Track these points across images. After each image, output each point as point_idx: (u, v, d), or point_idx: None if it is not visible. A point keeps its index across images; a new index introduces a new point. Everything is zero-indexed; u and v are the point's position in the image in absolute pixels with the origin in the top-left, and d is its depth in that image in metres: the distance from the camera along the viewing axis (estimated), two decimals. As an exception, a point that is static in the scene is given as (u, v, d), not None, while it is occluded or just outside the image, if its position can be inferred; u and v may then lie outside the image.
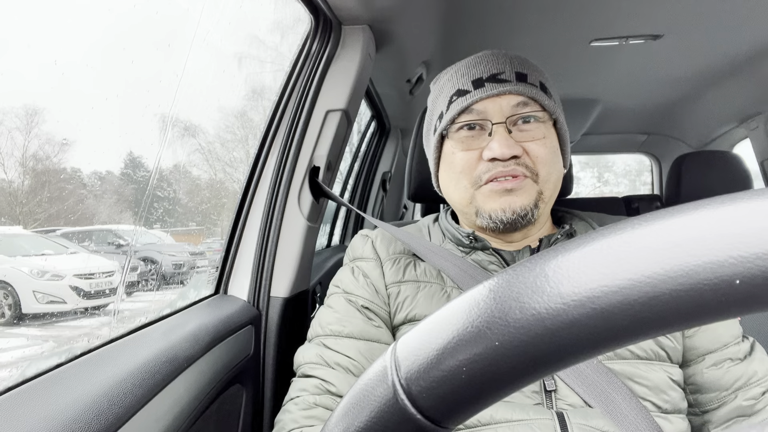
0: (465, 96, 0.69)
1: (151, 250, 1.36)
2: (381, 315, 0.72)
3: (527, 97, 0.68)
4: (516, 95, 0.68)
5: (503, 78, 0.68)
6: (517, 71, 0.69)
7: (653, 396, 0.61)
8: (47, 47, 0.74)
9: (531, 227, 0.72)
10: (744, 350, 0.66)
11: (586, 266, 0.18)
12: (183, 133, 1.16)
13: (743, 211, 0.17)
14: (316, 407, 0.65)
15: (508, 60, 0.70)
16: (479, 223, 0.70)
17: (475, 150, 0.69)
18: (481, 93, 0.68)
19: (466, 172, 0.69)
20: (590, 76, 1.86)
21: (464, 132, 0.70)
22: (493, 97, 0.68)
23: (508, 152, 0.65)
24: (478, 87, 0.68)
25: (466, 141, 0.70)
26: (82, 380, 0.53)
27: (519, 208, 0.67)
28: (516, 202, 0.67)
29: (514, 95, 0.68)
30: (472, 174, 0.69)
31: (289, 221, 1.00)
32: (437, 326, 0.21)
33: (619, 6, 1.30)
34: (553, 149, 0.70)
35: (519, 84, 0.68)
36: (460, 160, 0.70)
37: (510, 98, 0.68)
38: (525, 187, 0.67)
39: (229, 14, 1.08)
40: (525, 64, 0.71)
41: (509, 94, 0.68)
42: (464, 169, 0.69)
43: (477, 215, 0.70)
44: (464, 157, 0.69)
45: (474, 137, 0.69)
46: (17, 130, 0.81)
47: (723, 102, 2.08)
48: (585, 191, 4.80)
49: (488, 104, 0.68)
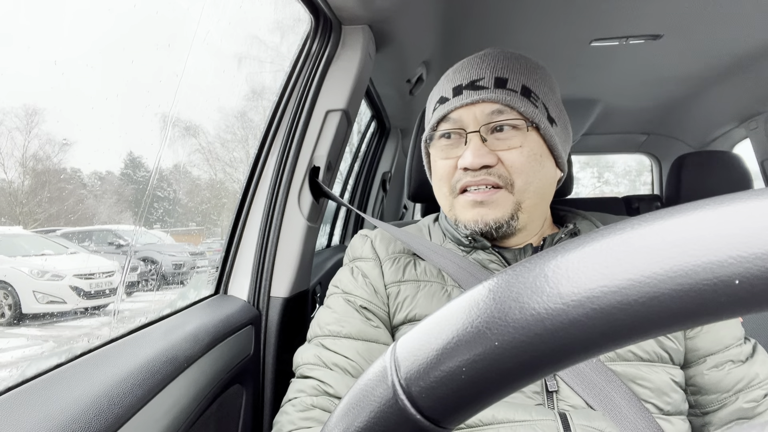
0: (444, 104, 0.69)
1: (151, 250, 1.36)
2: (380, 315, 0.72)
3: (503, 105, 0.66)
4: (491, 103, 0.66)
5: (480, 85, 0.67)
6: (497, 76, 0.67)
7: (655, 398, 0.60)
8: (47, 47, 0.74)
9: (521, 233, 0.71)
10: (746, 352, 0.65)
11: (585, 266, 0.18)
12: (183, 133, 1.16)
13: (743, 211, 0.17)
14: (314, 409, 0.65)
15: (490, 64, 0.69)
16: (462, 228, 0.71)
17: (452, 158, 0.69)
18: (457, 101, 0.67)
19: (444, 180, 0.70)
20: (590, 76, 1.86)
21: (443, 140, 0.70)
22: (468, 105, 0.67)
23: (478, 162, 0.64)
24: (456, 95, 0.68)
25: (445, 149, 0.70)
26: (82, 380, 0.53)
27: (492, 221, 0.66)
28: (488, 215, 0.66)
29: (488, 103, 0.66)
30: (449, 182, 0.69)
31: (289, 221, 1.00)
32: (437, 326, 0.21)
33: (619, 6, 1.30)
34: (533, 157, 0.66)
35: (496, 90, 0.66)
36: (440, 168, 0.71)
37: (485, 106, 0.66)
38: (498, 199, 0.66)
39: (229, 14, 1.08)
40: (511, 66, 0.68)
41: (483, 102, 0.66)
42: (443, 176, 0.70)
43: (456, 222, 0.71)
44: (443, 165, 0.70)
45: (452, 146, 0.69)
46: (17, 130, 0.81)
47: (723, 102, 2.08)
48: (585, 191, 4.80)
49: (463, 112, 0.67)
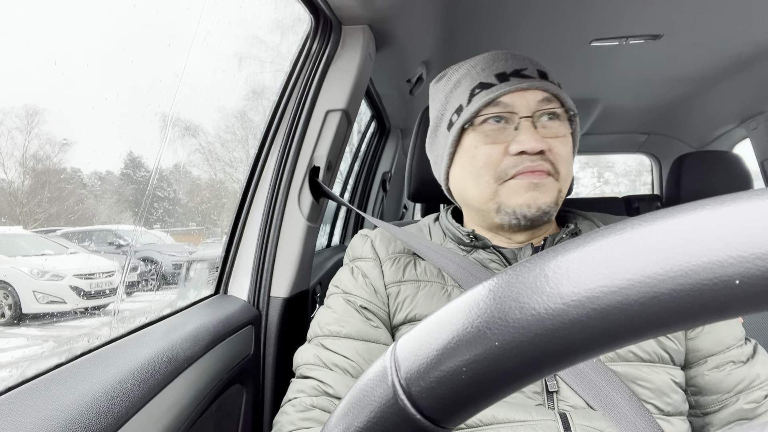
0: (490, 89, 0.67)
1: (151, 250, 1.36)
2: (380, 315, 0.72)
3: (551, 94, 0.67)
4: (541, 91, 0.67)
5: (527, 74, 0.68)
6: (539, 69, 0.69)
7: (655, 398, 0.60)
8: (47, 47, 0.74)
9: (542, 226, 0.72)
10: (746, 353, 0.65)
11: (585, 266, 0.18)
12: (183, 133, 1.16)
13: (743, 211, 0.17)
14: (313, 409, 0.65)
15: (528, 58, 0.71)
16: (498, 220, 0.68)
17: (500, 144, 0.67)
18: (507, 86, 0.67)
19: (490, 166, 0.67)
20: (590, 76, 1.86)
21: (489, 125, 0.68)
22: (520, 90, 0.67)
23: (538, 146, 0.64)
24: (503, 80, 0.68)
25: (491, 134, 0.68)
26: (82, 380, 0.53)
27: (544, 205, 0.66)
28: (540, 199, 0.66)
29: (539, 90, 0.67)
30: (497, 169, 0.67)
31: (289, 221, 1.00)
32: (437, 327, 0.21)
33: (619, 6, 1.30)
34: (571, 149, 0.70)
35: (542, 81, 0.68)
36: (484, 154, 0.68)
37: (536, 93, 0.67)
38: (548, 185, 0.66)
39: (229, 14, 1.08)
40: (543, 64, 0.72)
41: (535, 89, 0.67)
42: (488, 162, 0.67)
43: (498, 211, 0.68)
44: (488, 150, 0.67)
45: (500, 131, 0.67)
46: (17, 130, 0.81)
47: (723, 102, 2.08)
48: (585, 191, 4.80)
49: (515, 98, 0.67)
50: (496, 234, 0.73)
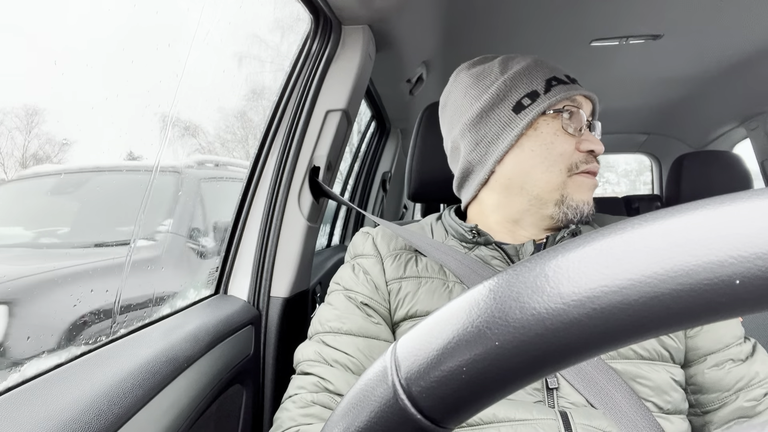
0: (566, 86, 0.71)
1: (151, 250, 1.36)
2: (381, 312, 0.72)
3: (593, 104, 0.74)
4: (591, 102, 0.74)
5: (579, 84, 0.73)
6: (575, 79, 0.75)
7: (655, 397, 0.60)
8: (47, 47, 0.74)
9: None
10: (746, 351, 0.66)
11: (586, 266, 0.18)
12: (183, 133, 1.16)
13: (743, 211, 0.17)
14: (314, 405, 0.65)
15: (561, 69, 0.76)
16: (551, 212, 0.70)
17: (575, 138, 0.71)
18: (580, 88, 0.72)
19: (565, 157, 0.70)
20: (590, 76, 1.86)
21: (563, 117, 0.71)
22: (584, 95, 0.73)
23: (602, 150, 0.71)
24: (572, 81, 0.72)
25: (570, 127, 0.71)
26: (82, 380, 0.53)
27: (593, 206, 0.71)
28: (592, 200, 0.71)
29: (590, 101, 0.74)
30: (570, 160, 0.70)
31: (289, 221, 1.00)
32: (437, 326, 0.21)
33: (619, 6, 1.30)
34: None
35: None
36: (562, 144, 0.70)
37: (589, 103, 0.74)
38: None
39: (229, 14, 1.08)
40: None
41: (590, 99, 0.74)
42: (564, 152, 0.70)
43: (560, 203, 0.70)
44: (566, 141, 0.70)
45: (575, 126, 0.72)
46: (17, 130, 0.81)
47: (723, 102, 2.08)
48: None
49: (583, 100, 0.72)
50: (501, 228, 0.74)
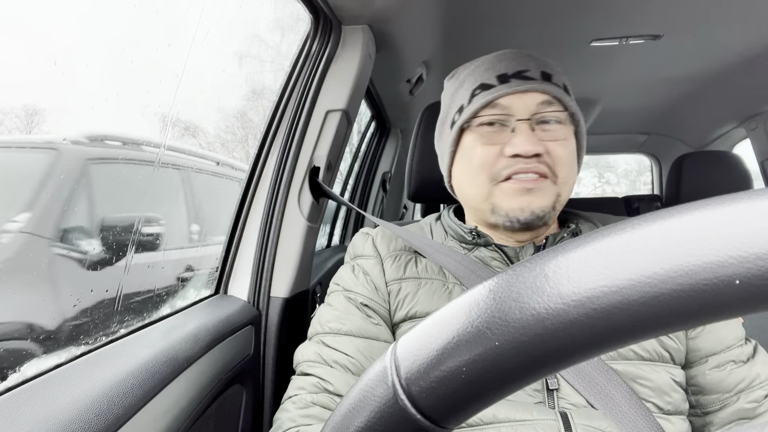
0: (489, 90, 0.68)
1: (151, 250, 1.36)
2: (380, 313, 0.72)
3: (552, 97, 0.67)
4: (542, 93, 0.67)
5: (529, 75, 0.67)
6: (543, 70, 0.69)
7: (656, 397, 0.60)
8: (47, 47, 0.74)
9: (542, 228, 0.71)
10: (747, 353, 0.66)
11: (586, 266, 0.18)
12: (183, 133, 1.16)
13: (743, 211, 0.17)
14: (314, 406, 0.65)
15: (533, 59, 0.70)
16: (493, 220, 0.69)
17: (496, 145, 0.68)
18: (506, 88, 0.67)
19: (485, 167, 0.68)
20: (590, 76, 1.86)
21: (486, 127, 0.69)
22: (519, 93, 0.67)
23: (532, 149, 0.64)
24: (503, 82, 0.68)
25: (488, 135, 0.68)
26: (82, 380, 0.53)
27: (538, 209, 0.66)
28: (534, 203, 0.66)
29: (539, 93, 0.67)
30: (492, 169, 0.67)
31: (289, 221, 1.00)
32: (437, 326, 0.21)
33: (619, 6, 1.30)
34: (573, 152, 0.69)
35: (545, 83, 0.67)
36: (480, 155, 0.68)
37: (535, 96, 0.67)
38: (544, 188, 0.66)
39: (229, 14, 1.08)
40: (549, 65, 0.71)
41: (535, 91, 0.67)
42: (483, 164, 0.68)
43: (492, 212, 0.68)
44: (484, 151, 0.68)
45: (496, 132, 0.68)
46: (17, 130, 0.81)
47: (723, 102, 2.08)
48: (585, 191, 4.80)
49: (514, 100, 0.67)
50: (496, 232, 0.73)
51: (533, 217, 0.66)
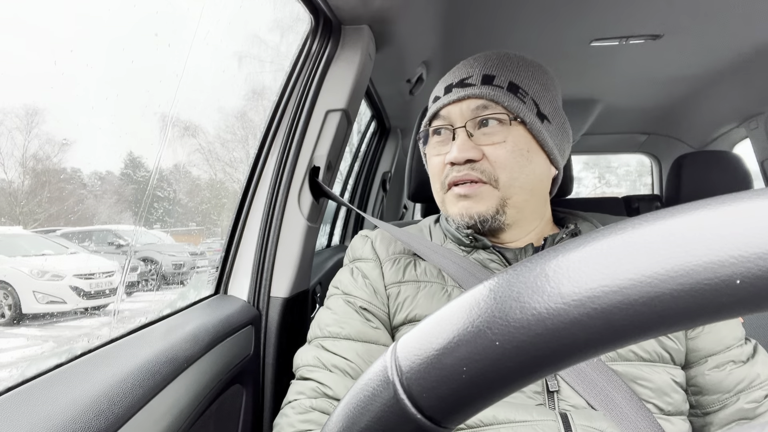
0: (436, 102, 0.72)
1: (151, 250, 1.36)
2: (379, 316, 0.72)
3: (487, 100, 0.67)
4: (476, 99, 0.68)
5: (468, 82, 0.69)
6: (485, 73, 0.69)
7: (656, 398, 0.60)
8: (47, 47, 0.74)
9: (514, 229, 0.71)
10: (747, 353, 0.65)
11: (586, 266, 0.18)
12: (183, 133, 1.16)
13: (744, 211, 0.17)
14: (313, 411, 0.65)
15: (483, 62, 0.71)
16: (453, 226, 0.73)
17: (442, 155, 0.71)
18: (446, 99, 0.70)
19: (436, 177, 0.72)
20: (590, 76, 1.86)
21: (435, 137, 0.73)
22: (455, 102, 0.69)
23: (462, 156, 0.66)
24: (447, 93, 0.71)
25: (436, 146, 0.72)
26: (82, 380, 0.53)
27: (476, 214, 0.67)
28: (472, 208, 0.67)
29: (474, 99, 0.68)
30: (440, 178, 0.71)
31: (289, 221, 1.00)
32: (437, 326, 0.21)
33: (619, 6, 1.30)
34: (518, 152, 0.67)
35: (482, 87, 0.68)
36: (432, 165, 0.73)
37: (470, 102, 0.68)
38: (481, 193, 0.67)
39: (229, 14, 1.08)
40: (501, 64, 0.69)
41: (469, 98, 0.68)
42: (434, 173, 0.72)
43: (448, 218, 0.73)
44: (433, 161, 0.72)
45: (443, 142, 0.72)
46: (17, 130, 0.81)
47: (723, 102, 2.08)
48: (585, 191, 4.80)
49: (452, 109, 0.70)
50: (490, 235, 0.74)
51: (473, 221, 0.68)
